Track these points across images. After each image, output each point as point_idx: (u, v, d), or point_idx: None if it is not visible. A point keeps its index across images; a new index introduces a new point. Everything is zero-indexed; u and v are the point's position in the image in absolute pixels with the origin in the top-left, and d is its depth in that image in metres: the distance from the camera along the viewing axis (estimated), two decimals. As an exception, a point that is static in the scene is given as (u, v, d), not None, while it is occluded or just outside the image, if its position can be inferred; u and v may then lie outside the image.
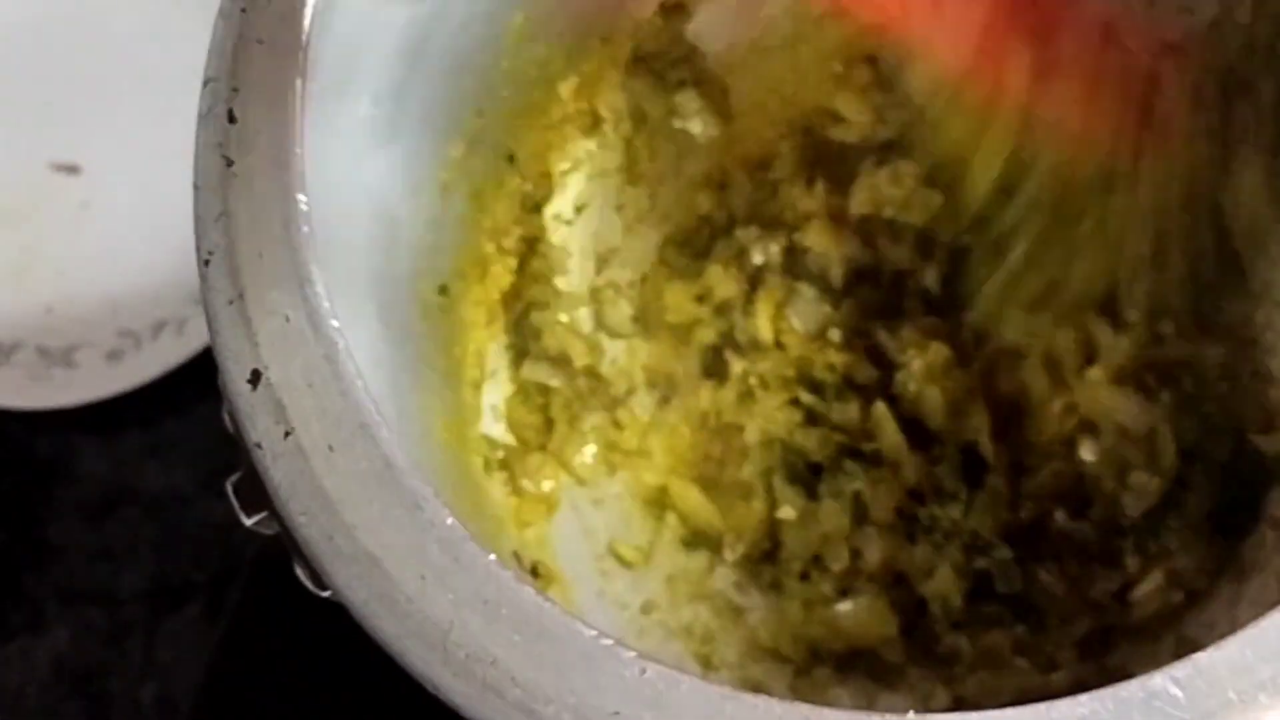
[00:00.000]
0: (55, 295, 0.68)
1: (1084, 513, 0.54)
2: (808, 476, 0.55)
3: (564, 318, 0.55)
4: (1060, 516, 0.54)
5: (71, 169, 0.70)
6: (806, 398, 0.56)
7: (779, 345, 0.57)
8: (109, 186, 0.69)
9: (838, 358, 0.56)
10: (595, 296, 0.57)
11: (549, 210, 0.56)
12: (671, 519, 0.55)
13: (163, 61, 0.70)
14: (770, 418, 0.56)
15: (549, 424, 0.54)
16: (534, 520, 0.52)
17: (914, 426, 0.55)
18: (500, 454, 0.52)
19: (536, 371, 0.54)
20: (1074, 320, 0.54)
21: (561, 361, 0.54)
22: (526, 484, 0.52)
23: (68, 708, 0.62)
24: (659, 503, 0.56)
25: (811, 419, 0.56)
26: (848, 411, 0.55)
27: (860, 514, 0.54)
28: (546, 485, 0.53)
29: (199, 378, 0.61)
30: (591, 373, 0.55)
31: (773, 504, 0.55)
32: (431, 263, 0.49)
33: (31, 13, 0.72)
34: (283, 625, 0.61)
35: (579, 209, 0.57)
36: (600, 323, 0.56)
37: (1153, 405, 0.53)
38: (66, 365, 0.65)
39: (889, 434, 0.54)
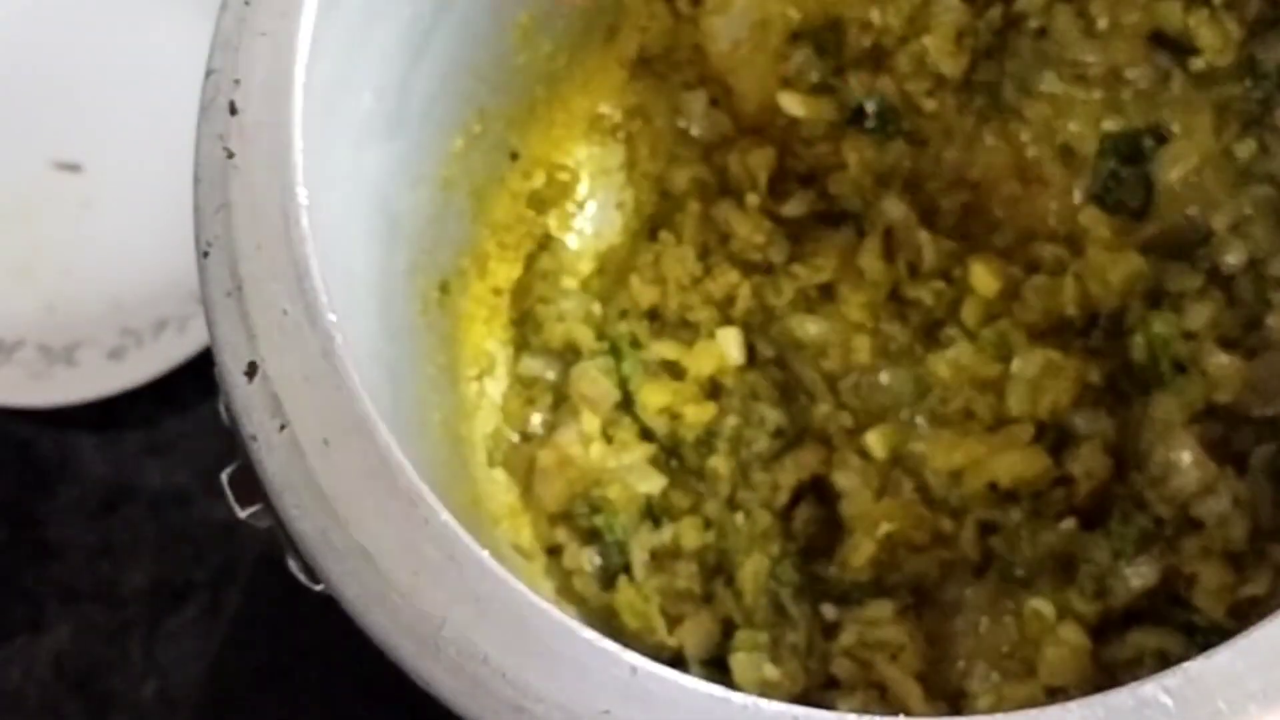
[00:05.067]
0: (57, 293, 0.67)
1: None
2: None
3: (568, 311, 0.54)
4: None
5: (73, 167, 0.70)
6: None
7: None
8: (111, 185, 0.69)
9: None
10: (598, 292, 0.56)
11: (552, 207, 0.56)
12: None
13: (164, 60, 0.70)
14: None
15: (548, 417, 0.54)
16: None
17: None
18: (503, 448, 0.52)
19: (533, 366, 0.54)
20: None
21: (564, 354, 0.54)
22: None
23: (68, 707, 0.62)
24: None
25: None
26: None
27: None
28: None
29: (200, 376, 0.61)
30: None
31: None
32: (432, 258, 0.49)
33: (32, 12, 0.72)
34: (283, 625, 0.61)
35: (580, 205, 0.57)
36: (605, 316, 0.56)
37: None
38: (68, 363, 0.65)
39: None
